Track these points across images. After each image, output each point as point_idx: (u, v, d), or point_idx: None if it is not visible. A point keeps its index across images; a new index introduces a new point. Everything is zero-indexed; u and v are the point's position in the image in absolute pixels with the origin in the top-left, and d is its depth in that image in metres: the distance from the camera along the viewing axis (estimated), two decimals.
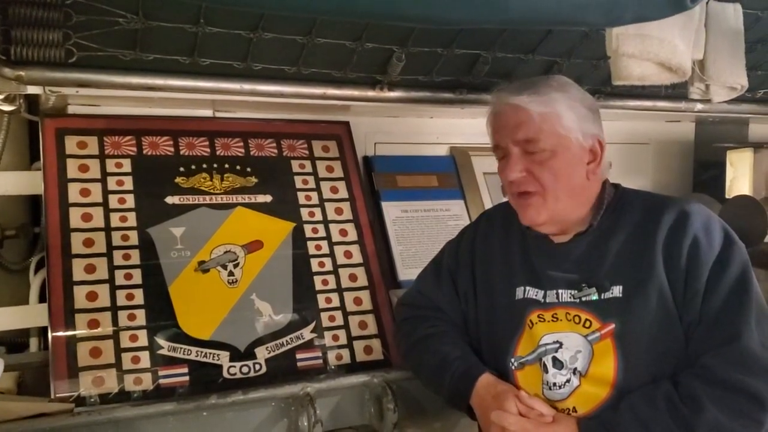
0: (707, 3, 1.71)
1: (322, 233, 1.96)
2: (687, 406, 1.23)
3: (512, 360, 1.42)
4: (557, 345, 1.37)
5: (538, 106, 1.35)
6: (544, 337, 1.39)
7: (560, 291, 1.39)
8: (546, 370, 1.37)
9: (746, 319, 1.26)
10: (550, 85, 1.38)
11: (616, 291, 1.34)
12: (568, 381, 1.35)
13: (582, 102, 1.39)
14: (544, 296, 1.41)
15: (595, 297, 1.36)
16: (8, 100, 1.66)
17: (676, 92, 2.28)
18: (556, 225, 1.43)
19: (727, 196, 2.70)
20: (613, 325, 1.33)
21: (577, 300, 1.37)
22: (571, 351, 1.35)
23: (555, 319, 1.39)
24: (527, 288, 1.44)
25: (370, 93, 1.96)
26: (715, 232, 1.34)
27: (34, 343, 1.87)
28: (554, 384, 1.36)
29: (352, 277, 1.94)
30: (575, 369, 1.35)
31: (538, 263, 1.45)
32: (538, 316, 1.40)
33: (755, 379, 1.22)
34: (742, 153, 2.73)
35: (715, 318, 1.28)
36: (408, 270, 2.13)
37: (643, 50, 1.51)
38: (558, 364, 1.36)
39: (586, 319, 1.35)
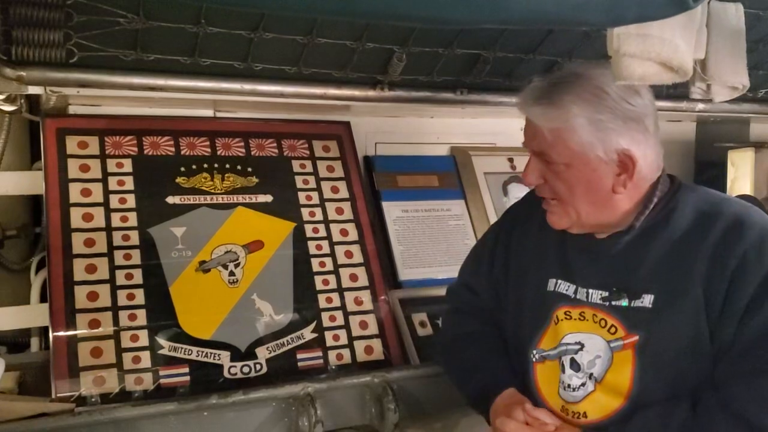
0: (708, 2, 1.71)
1: (322, 233, 1.96)
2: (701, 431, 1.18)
3: (534, 352, 1.39)
4: (578, 347, 1.33)
5: (548, 121, 1.27)
6: (567, 335, 1.35)
7: (590, 290, 1.33)
8: (563, 370, 1.34)
9: None
10: (573, 93, 1.25)
11: (647, 300, 1.26)
12: (583, 384, 1.32)
13: (612, 111, 1.25)
14: (575, 292, 1.35)
15: (624, 303, 1.28)
16: (9, 100, 1.66)
17: (677, 92, 2.28)
18: (588, 228, 1.35)
19: None
20: (636, 337, 1.26)
21: (606, 303, 1.31)
22: (590, 355, 1.31)
23: (582, 318, 1.34)
24: (559, 281, 1.38)
25: (371, 93, 1.96)
26: None
27: (35, 343, 1.87)
28: (569, 385, 1.33)
29: (353, 277, 1.94)
30: (591, 374, 1.31)
31: (572, 256, 1.38)
32: (565, 313, 1.36)
33: None
34: (743, 152, 2.72)
35: (752, 344, 1.17)
36: (408, 270, 2.13)
37: (645, 50, 1.50)
38: (575, 366, 1.33)
39: (612, 325, 1.29)
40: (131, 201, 1.79)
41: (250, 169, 1.96)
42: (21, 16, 1.44)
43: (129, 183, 1.81)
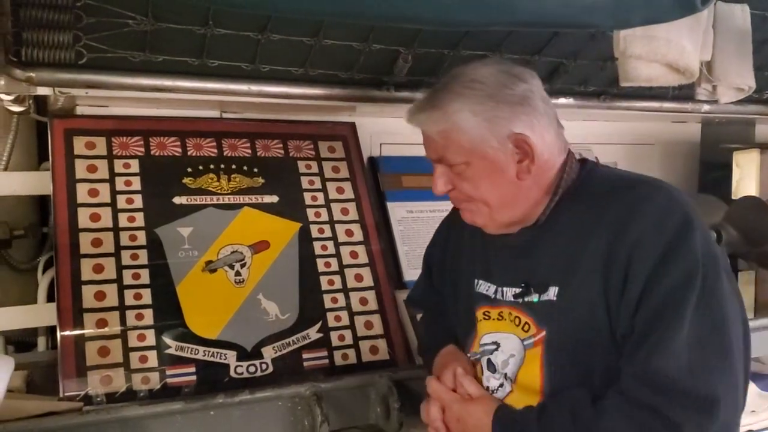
0: (715, 4, 1.71)
1: (328, 233, 1.97)
2: (593, 412, 1.14)
3: (468, 354, 1.39)
4: (494, 347, 1.31)
5: (434, 124, 1.24)
6: (484, 336, 1.34)
7: (505, 289, 1.30)
8: (482, 372, 1.33)
9: (672, 337, 1.09)
10: (452, 91, 1.22)
11: (552, 293, 1.22)
12: (501, 386, 1.30)
13: (497, 99, 1.20)
14: (495, 292, 1.33)
15: (535, 299, 1.25)
16: (18, 100, 1.67)
17: (683, 93, 2.28)
18: (504, 227, 1.31)
19: (733, 197, 2.69)
20: (544, 332, 1.23)
21: (519, 300, 1.27)
22: (504, 355, 1.29)
23: (500, 318, 1.31)
24: (481, 281, 1.36)
25: (377, 94, 1.96)
26: (668, 225, 1.13)
27: (42, 342, 1.88)
28: (488, 387, 1.32)
29: (358, 278, 1.94)
30: (506, 374, 1.29)
31: (490, 256, 1.35)
32: (484, 314, 1.34)
33: (668, 405, 1.09)
34: (748, 154, 2.72)
35: (644, 331, 1.12)
36: (413, 270, 2.13)
37: (651, 51, 1.51)
38: (491, 366, 1.31)
39: (525, 322, 1.26)
40: (138, 201, 1.80)
41: (256, 170, 1.97)
42: (31, 18, 1.45)
43: (136, 183, 1.82)
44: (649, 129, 2.79)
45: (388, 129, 2.31)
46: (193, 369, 1.66)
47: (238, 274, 1.81)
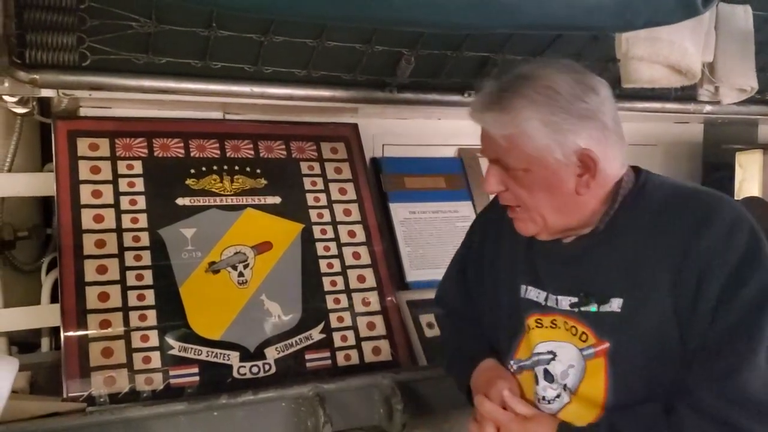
0: (717, 5, 1.71)
1: (330, 234, 1.97)
2: (670, 429, 1.12)
3: (512, 362, 1.34)
4: (551, 356, 1.27)
5: (501, 128, 1.20)
6: (538, 345, 1.29)
7: (559, 297, 1.27)
8: (537, 381, 1.29)
9: (754, 352, 1.08)
10: (523, 95, 1.18)
11: (615, 305, 1.20)
12: (558, 396, 1.26)
13: (566, 110, 1.17)
14: (546, 299, 1.29)
15: (593, 309, 1.22)
16: (21, 102, 1.68)
17: (685, 94, 2.28)
18: (556, 233, 1.29)
19: (736, 198, 2.69)
20: (608, 344, 1.20)
21: (575, 310, 1.24)
22: (563, 365, 1.25)
23: (554, 326, 1.27)
24: (529, 287, 1.32)
25: (379, 95, 1.97)
26: (738, 237, 1.13)
27: (45, 343, 1.88)
28: (544, 398, 1.27)
29: (361, 278, 1.95)
30: (565, 385, 1.25)
31: (539, 262, 1.32)
32: (536, 321, 1.30)
33: (748, 420, 1.08)
34: (751, 154, 2.72)
35: (721, 345, 1.11)
36: (416, 271, 2.14)
37: (653, 53, 1.51)
38: (549, 376, 1.27)
39: (583, 332, 1.23)
40: (141, 202, 1.81)
41: (259, 171, 1.97)
42: (35, 21, 1.46)
43: (139, 184, 1.83)
44: (652, 130, 2.78)
45: (391, 130, 2.31)
46: (196, 370, 1.66)
47: (241, 275, 1.81)
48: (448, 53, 1.88)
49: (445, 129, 2.40)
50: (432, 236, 2.21)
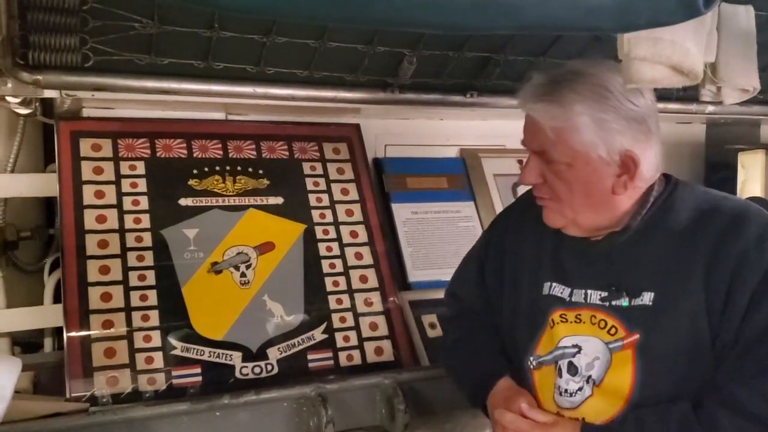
0: (719, 5, 1.70)
1: (332, 235, 1.97)
2: (704, 428, 1.14)
3: (531, 359, 1.36)
4: (576, 350, 1.29)
5: (552, 120, 1.23)
6: (563, 339, 1.31)
7: (589, 291, 1.29)
8: (560, 374, 1.30)
9: None
10: (577, 91, 1.22)
11: (647, 298, 1.23)
12: (580, 389, 1.27)
13: (616, 110, 1.22)
14: (570, 294, 1.32)
15: (625, 303, 1.25)
16: (24, 103, 1.68)
17: (687, 94, 2.28)
18: (584, 230, 1.32)
19: None
20: (637, 336, 1.22)
21: (606, 304, 1.27)
22: (588, 357, 1.27)
23: (578, 321, 1.30)
24: (554, 284, 1.35)
25: (381, 95, 1.97)
26: None
27: (48, 343, 1.89)
28: (566, 390, 1.29)
29: (363, 279, 1.95)
30: (589, 377, 1.27)
31: (567, 259, 1.35)
32: (561, 316, 1.32)
33: None
34: (753, 155, 2.71)
35: (753, 344, 1.14)
36: (418, 271, 2.14)
37: (655, 53, 1.50)
38: (573, 369, 1.28)
39: (612, 326, 1.26)
40: (144, 203, 1.81)
41: (261, 172, 1.97)
42: (38, 21, 1.46)
43: (142, 185, 1.83)
44: None
45: (393, 130, 2.31)
46: (198, 370, 1.66)
47: (243, 275, 1.82)
48: (450, 53, 1.88)
49: (448, 129, 2.40)
50: (434, 236, 2.21)
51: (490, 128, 2.43)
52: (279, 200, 1.96)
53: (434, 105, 2.05)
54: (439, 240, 2.21)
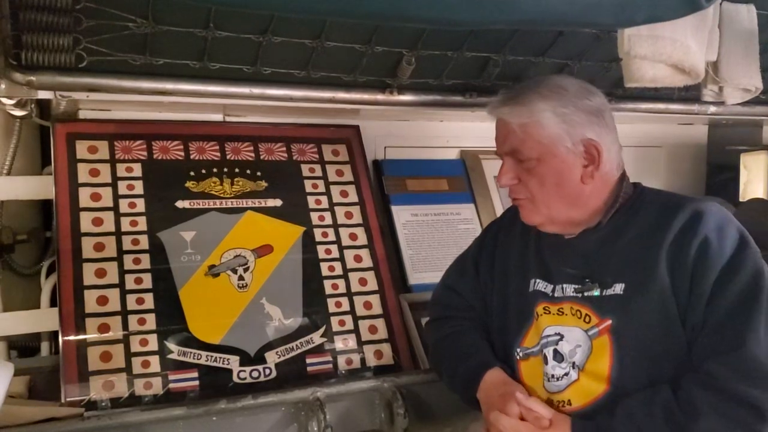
0: (720, 4, 1.69)
1: (332, 237, 1.96)
2: (684, 412, 1.22)
3: (518, 350, 1.45)
4: (558, 337, 1.39)
5: (517, 117, 1.37)
6: (546, 328, 1.41)
7: (565, 285, 1.41)
8: (546, 362, 1.39)
9: (754, 327, 1.22)
10: (537, 92, 1.37)
11: (618, 288, 1.34)
12: (566, 374, 1.37)
13: (577, 106, 1.36)
14: (553, 290, 1.43)
15: (596, 293, 1.36)
16: (20, 105, 1.67)
17: (689, 95, 2.27)
18: (559, 226, 1.44)
19: (741, 200, 2.67)
20: (609, 321, 1.33)
21: (580, 295, 1.38)
22: (571, 344, 1.37)
23: (561, 313, 1.40)
24: (538, 280, 1.46)
25: (380, 96, 1.96)
26: (728, 235, 1.30)
27: (45, 347, 1.87)
28: (553, 376, 1.38)
29: (362, 281, 1.93)
30: (574, 363, 1.36)
31: (548, 257, 1.46)
32: (544, 308, 1.43)
33: (758, 390, 1.20)
34: (756, 156, 2.70)
35: (721, 324, 1.25)
36: (418, 274, 2.12)
37: (656, 52, 1.49)
38: (558, 356, 1.38)
39: (587, 314, 1.37)
40: (141, 205, 1.80)
41: (259, 174, 1.96)
42: (31, 21, 1.45)
43: (138, 187, 1.82)
44: (656, 131, 2.77)
45: (393, 132, 2.30)
46: (195, 374, 1.65)
47: (241, 278, 1.80)
48: (449, 54, 1.87)
49: (447, 131, 2.39)
50: (434, 239, 2.20)
51: (491, 130, 2.40)
52: (277, 202, 1.94)
53: (434, 106, 2.03)
54: (439, 242, 2.20)
